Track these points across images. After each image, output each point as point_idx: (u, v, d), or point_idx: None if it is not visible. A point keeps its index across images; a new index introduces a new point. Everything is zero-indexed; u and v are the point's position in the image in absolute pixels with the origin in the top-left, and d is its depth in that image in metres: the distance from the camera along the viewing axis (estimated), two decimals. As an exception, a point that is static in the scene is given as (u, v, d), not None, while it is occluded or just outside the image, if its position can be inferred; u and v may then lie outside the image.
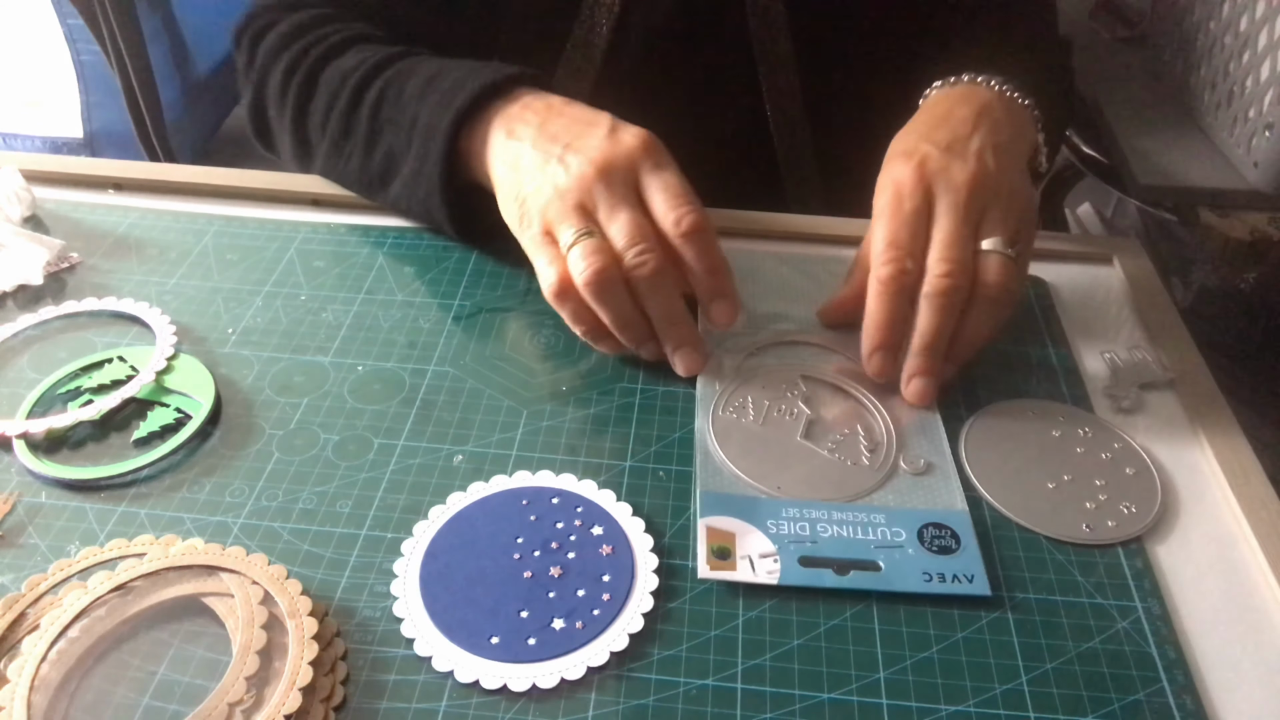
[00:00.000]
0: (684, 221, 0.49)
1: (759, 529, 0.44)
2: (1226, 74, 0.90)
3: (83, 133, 1.56)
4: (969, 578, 0.43)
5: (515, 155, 0.53)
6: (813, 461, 0.48)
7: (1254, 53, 0.86)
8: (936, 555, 0.44)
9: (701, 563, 0.42)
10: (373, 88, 0.59)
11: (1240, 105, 0.88)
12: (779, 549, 0.43)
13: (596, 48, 0.68)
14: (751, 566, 0.43)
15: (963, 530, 0.45)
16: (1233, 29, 0.89)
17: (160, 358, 0.52)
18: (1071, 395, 0.53)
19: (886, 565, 0.43)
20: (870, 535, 0.45)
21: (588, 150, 0.51)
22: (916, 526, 0.45)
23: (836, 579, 0.43)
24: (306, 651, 0.38)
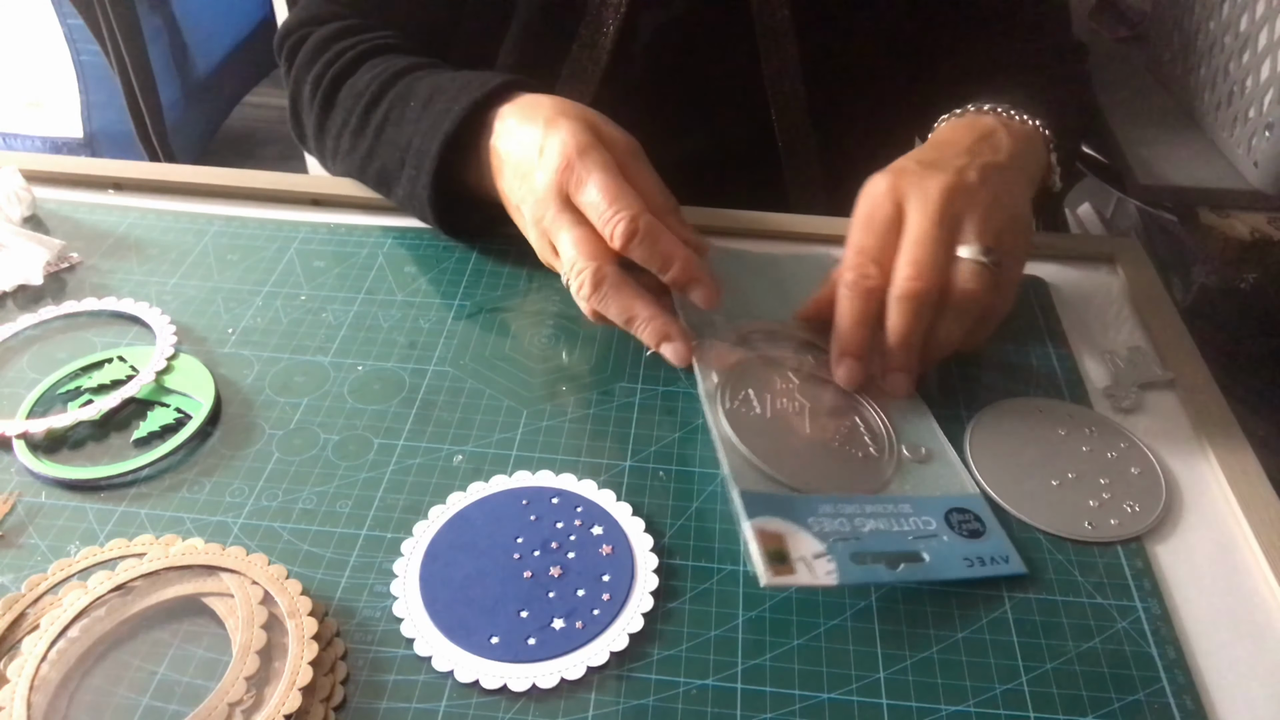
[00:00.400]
0: (616, 235, 0.49)
1: (803, 528, 0.43)
2: (1226, 74, 0.90)
3: (83, 133, 1.56)
4: (1004, 558, 0.44)
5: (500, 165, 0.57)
6: (827, 454, 0.48)
7: (1254, 53, 0.86)
8: (969, 540, 0.44)
9: (762, 570, 0.40)
10: (378, 110, 0.63)
11: (1240, 105, 0.88)
12: (828, 548, 0.42)
13: (603, 49, 0.68)
14: (809, 568, 0.41)
15: (983, 513, 0.46)
16: (1233, 29, 0.89)
17: (160, 358, 0.52)
18: (1071, 395, 0.53)
19: (930, 555, 0.43)
20: (905, 526, 0.45)
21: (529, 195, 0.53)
22: (943, 513, 0.45)
23: (890, 574, 0.42)
24: (306, 651, 0.38)
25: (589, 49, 0.68)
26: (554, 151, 0.52)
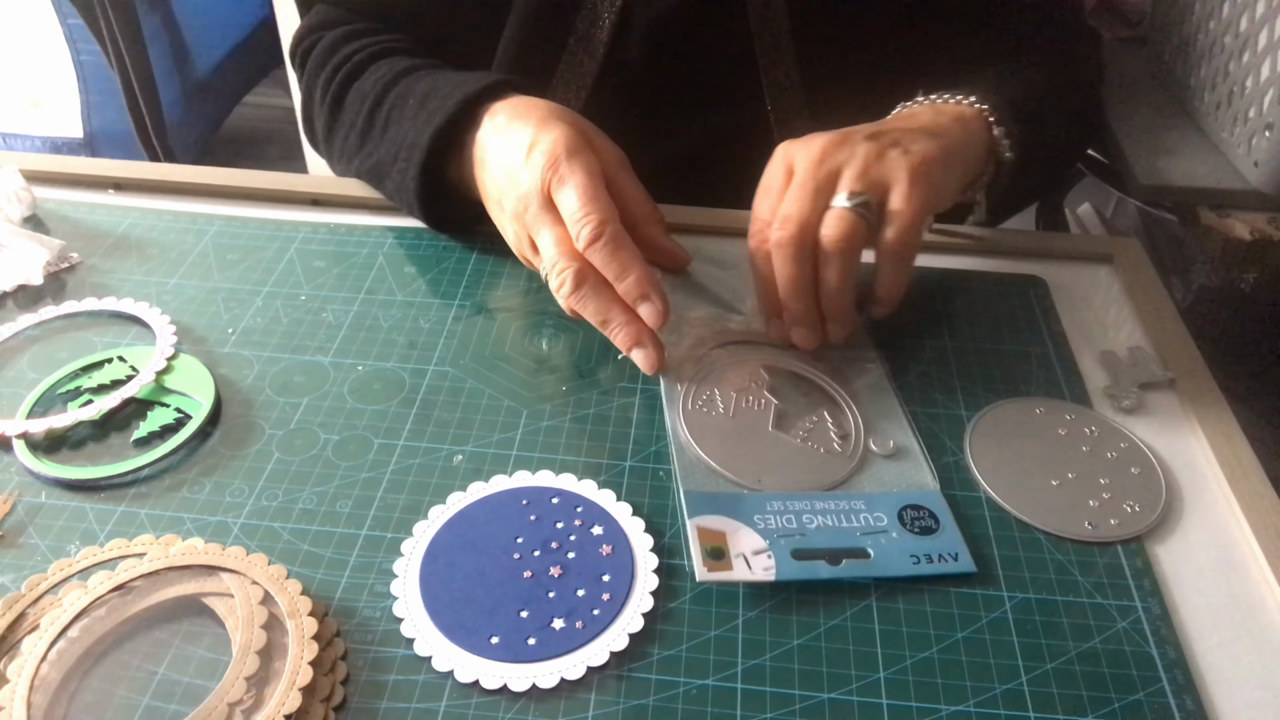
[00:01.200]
0: (580, 237, 0.50)
1: (747, 525, 0.44)
2: (1226, 74, 0.90)
3: (83, 133, 1.56)
4: (954, 556, 0.44)
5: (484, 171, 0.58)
6: (788, 451, 0.49)
7: (1254, 53, 0.86)
8: (920, 536, 0.45)
9: (698, 565, 0.42)
10: (381, 111, 0.64)
11: (1240, 105, 0.88)
12: (770, 544, 0.44)
13: (599, 42, 0.68)
14: (747, 564, 0.43)
15: (939, 510, 0.46)
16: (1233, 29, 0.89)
17: (160, 358, 0.52)
18: (1072, 395, 0.53)
19: (875, 552, 0.44)
20: (855, 523, 0.45)
21: (512, 189, 0.54)
22: (896, 510, 0.46)
23: (830, 570, 0.43)
24: (306, 651, 0.38)
25: (585, 42, 0.68)
26: (543, 150, 0.52)
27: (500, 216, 0.56)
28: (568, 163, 0.52)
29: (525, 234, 0.54)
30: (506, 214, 0.55)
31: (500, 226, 0.57)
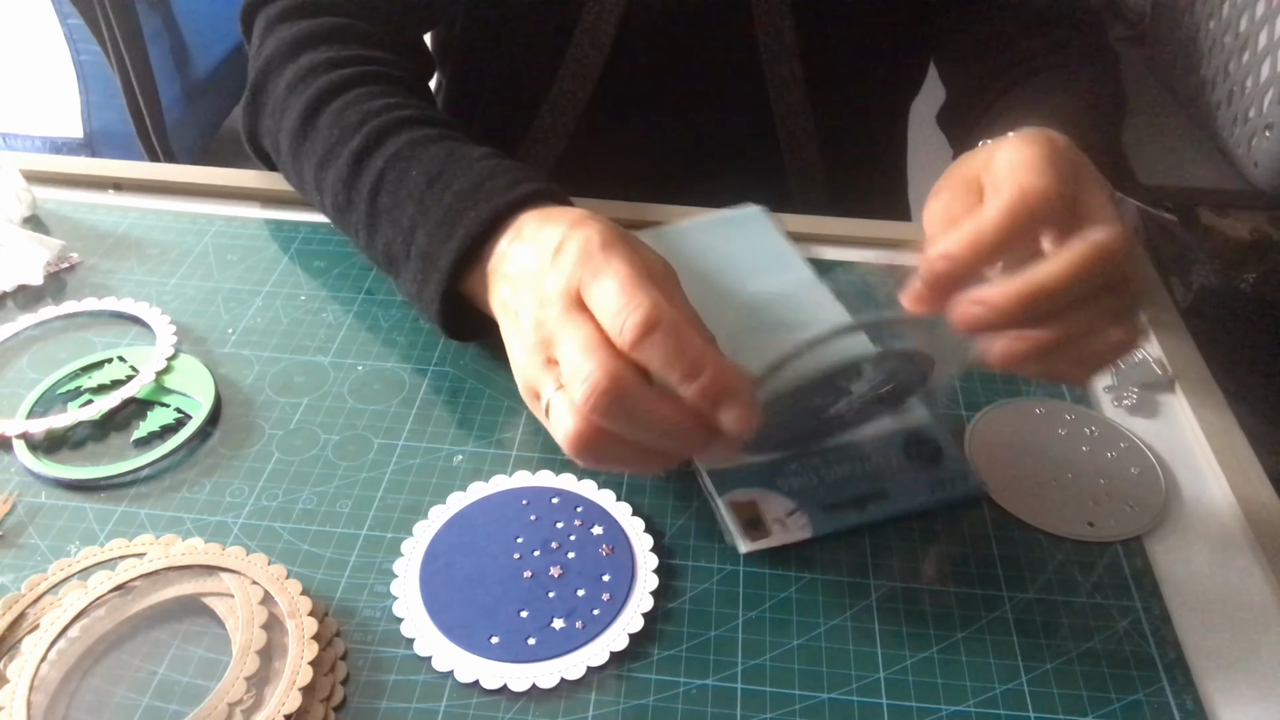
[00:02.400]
0: (627, 328, 0.38)
1: (773, 490, 0.46)
2: (1226, 74, 0.90)
3: (83, 133, 1.56)
4: (963, 477, 0.47)
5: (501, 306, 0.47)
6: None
7: (1254, 53, 0.86)
8: (929, 465, 0.47)
9: (740, 540, 0.44)
10: (374, 162, 0.54)
11: (1240, 105, 0.88)
12: (799, 503, 0.45)
13: (605, 36, 0.68)
14: (784, 527, 0.44)
15: (938, 434, 0.48)
16: (1233, 29, 0.89)
17: (160, 358, 0.52)
18: (1072, 395, 0.53)
19: (892, 489, 0.46)
20: (868, 467, 0.47)
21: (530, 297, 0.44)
22: (901, 446, 0.48)
23: (859, 516, 0.45)
24: (306, 651, 0.38)
25: (590, 37, 0.68)
26: (574, 246, 0.42)
27: (513, 337, 0.45)
28: (604, 253, 0.41)
29: (542, 352, 0.42)
30: (524, 329, 0.43)
31: (513, 353, 0.45)
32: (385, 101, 0.57)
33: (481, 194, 0.49)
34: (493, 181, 0.50)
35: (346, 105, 0.57)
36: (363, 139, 0.55)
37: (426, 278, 0.50)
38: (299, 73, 0.59)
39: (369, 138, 0.55)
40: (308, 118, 0.58)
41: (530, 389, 0.43)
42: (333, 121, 0.57)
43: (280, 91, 0.60)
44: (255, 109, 0.62)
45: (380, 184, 0.54)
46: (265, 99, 0.61)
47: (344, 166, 0.55)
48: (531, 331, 0.43)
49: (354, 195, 0.55)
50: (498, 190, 0.49)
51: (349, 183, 0.55)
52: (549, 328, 0.42)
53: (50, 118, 1.56)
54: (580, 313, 0.41)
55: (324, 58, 0.59)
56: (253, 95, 0.62)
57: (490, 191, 0.49)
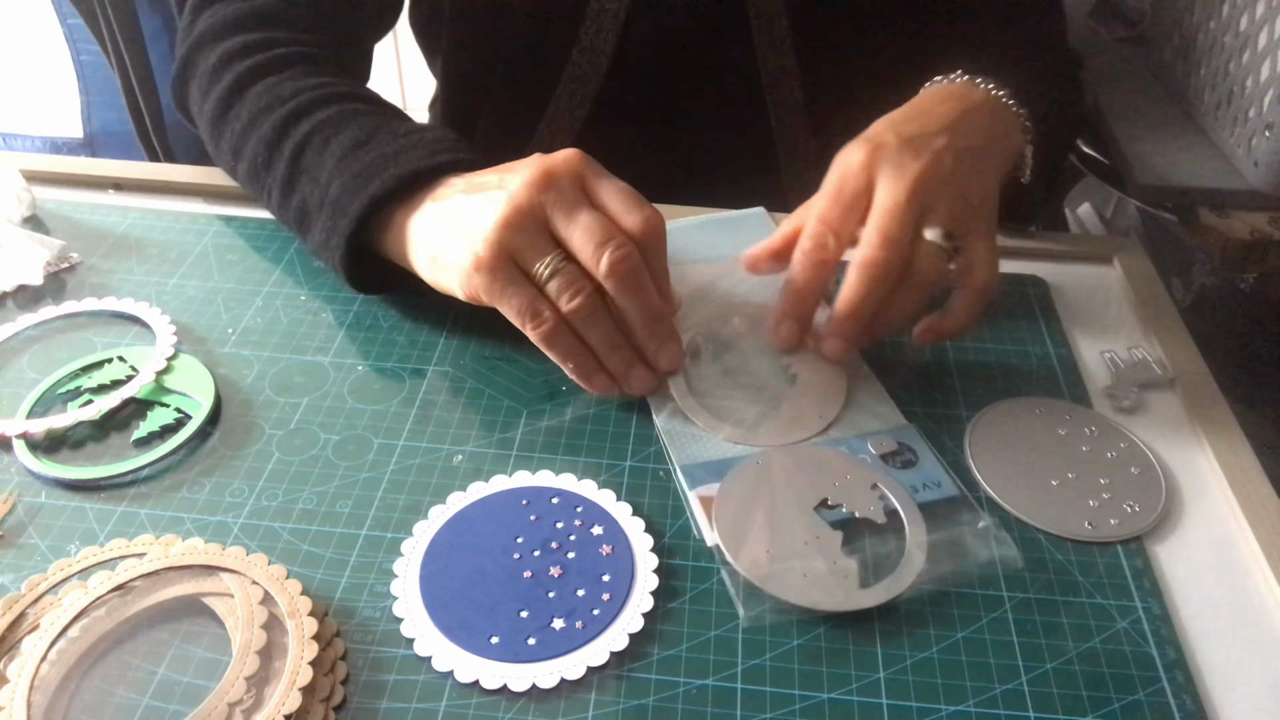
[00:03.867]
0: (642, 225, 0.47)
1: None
2: (1226, 74, 0.90)
3: (83, 133, 1.56)
4: (936, 484, 0.46)
5: (449, 207, 0.50)
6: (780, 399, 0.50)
7: (1254, 53, 0.86)
8: (903, 471, 0.47)
9: (707, 534, 0.44)
10: (301, 126, 0.56)
11: (1240, 105, 0.88)
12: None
13: (602, 53, 0.68)
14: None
15: (915, 443, 0.49)
16: (1233, 29, 0.89)
17: (160, 358, 0.52)
18: (1072, 395, 0.53)
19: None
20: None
21: (522, 170, 0.47)
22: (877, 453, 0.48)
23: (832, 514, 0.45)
24: (306, 651, 0.38)
25: (589, 53, 0.68)
26: (564, 151, 0.48)
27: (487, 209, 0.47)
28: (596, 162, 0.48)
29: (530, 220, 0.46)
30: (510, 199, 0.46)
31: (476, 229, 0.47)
32: (321, 80, 0.59)
33: (403, 158, 0.52)
34: (416, 150, 0.53)
35: (281, 81, 0.59)
36: (294, 105, 0.56)
37: (334, 224, 0.53)
38: (232, 49, 0.60)
39: (301, 105, 0.56)
40: (238, 89, 0.59)
41: (508, 253, 0.46)
42: (264, 91, 0.58)
43: (211, 65, 0.61)
44: (184, 80, 0.64)
45: (306, 145, 0.55)
46: (194, 72, 0.63)
47: (269, 129, 0.56)
48: (520, 197, 0.46)
49: (275, 155, 0.56)
50: (420, 156, 0.52)
51: (273, 143, 0.56)
52: (556, 199, 0.46)
53: (50, 118, 1.56)
54: (588, 198, 0.47)
55: (260, 37, 0.61)
56: (181, 68, 0.64)
57: (412, 157, 0.52)
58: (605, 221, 0.46)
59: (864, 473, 0.47)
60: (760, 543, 0.43)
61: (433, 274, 0.51)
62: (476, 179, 0.51)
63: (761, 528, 0.44)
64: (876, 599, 0.41)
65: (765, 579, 0.42)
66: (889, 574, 0.42)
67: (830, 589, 0.42)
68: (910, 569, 0.42)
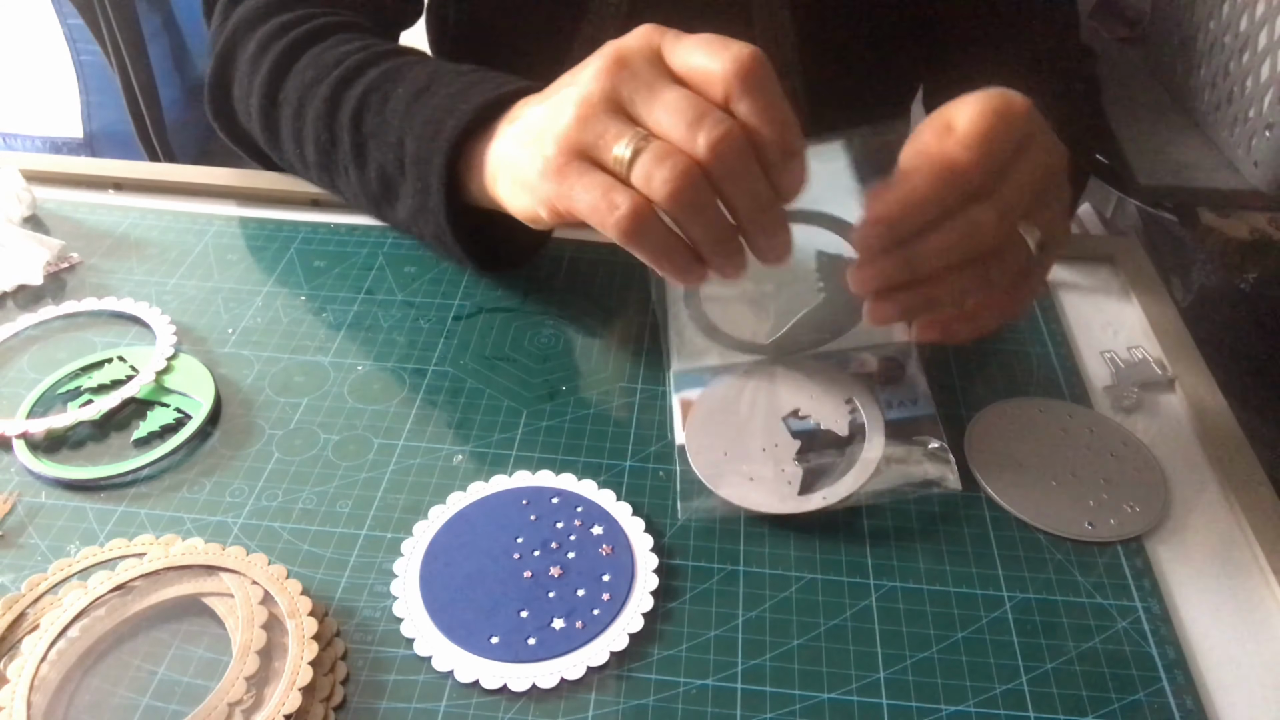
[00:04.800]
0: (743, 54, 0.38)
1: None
2: (1226, 74, 0.90)
3: (83, 133, 1.56)
4: (913, 402, 0.48)
5: (521, 123, 0.45)
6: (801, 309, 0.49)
7: (1254, 53, 0.86)
8: (885, 387, 0.48)
9: (679, 432, 0.45)
10: (354, 89, 0.52)
11: (1240, 105, 0.88)
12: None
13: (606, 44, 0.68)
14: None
15: (908, 360, 0.50)
16: (1233, 29, 0.89)
17: (160, 358, 0.52)
18: (1072, 395, 0.53)
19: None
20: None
21: (592, 62, 0.41)
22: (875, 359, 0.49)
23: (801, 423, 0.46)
24: (306, 651, 0.38)
25: (589, 46, 0.68)
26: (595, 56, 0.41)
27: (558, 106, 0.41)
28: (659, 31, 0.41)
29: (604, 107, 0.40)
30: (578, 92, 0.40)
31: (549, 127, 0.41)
32: (364, 42, 0.55)
33: (471, 93, 0.48)
34: (483, 85, 0.48)
35: (324, 49, 0.55)
36: (343, 71, 0.52)
37: (425, 183, 0.47)
38: (270, 31, 0.57)
39: (349, 69, 0.52)
40: (282, 68, 0.55)
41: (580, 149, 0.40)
42: (309, 64, 0.54)
43: (250, 53, 0.57)
44: (223, 80, 0.60)
45: (363, 108, 0.51)
46: (234, 68, 0.59)
47: (321, 102, 0.52)
48: (592, 85, 0.40)
49: (336, 128, 0.52)
50: (489, 88, 0.48)
51: (329, 116, 0.52)
52: (632, 80, 0.39)
53: (50, 118, 1.56)
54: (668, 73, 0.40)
55: (293, 15, 0.58)
56: (219, 67, 0.60)
57: (482, 89, 0.48)
58: (695, 96, 0.39)
59: (843, 386, 0.48)
60: (719, 444, 0.44)
61: (515, 200, 0.45)
62: (548, 90, 0.45)
63: (725, 431, 0.45)
64: (813, 505, 0.43)
65: (711, 478, 0.43)
66: (832, 483, 0.43)
67: (770, 493, 0.43)
68: (853, 481, 0.44)
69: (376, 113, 0.51)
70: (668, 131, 0.38)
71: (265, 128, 0.58)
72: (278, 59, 0.56)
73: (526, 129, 0.44)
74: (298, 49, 0.56)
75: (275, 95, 0.56)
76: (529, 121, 0.44)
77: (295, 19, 0.58)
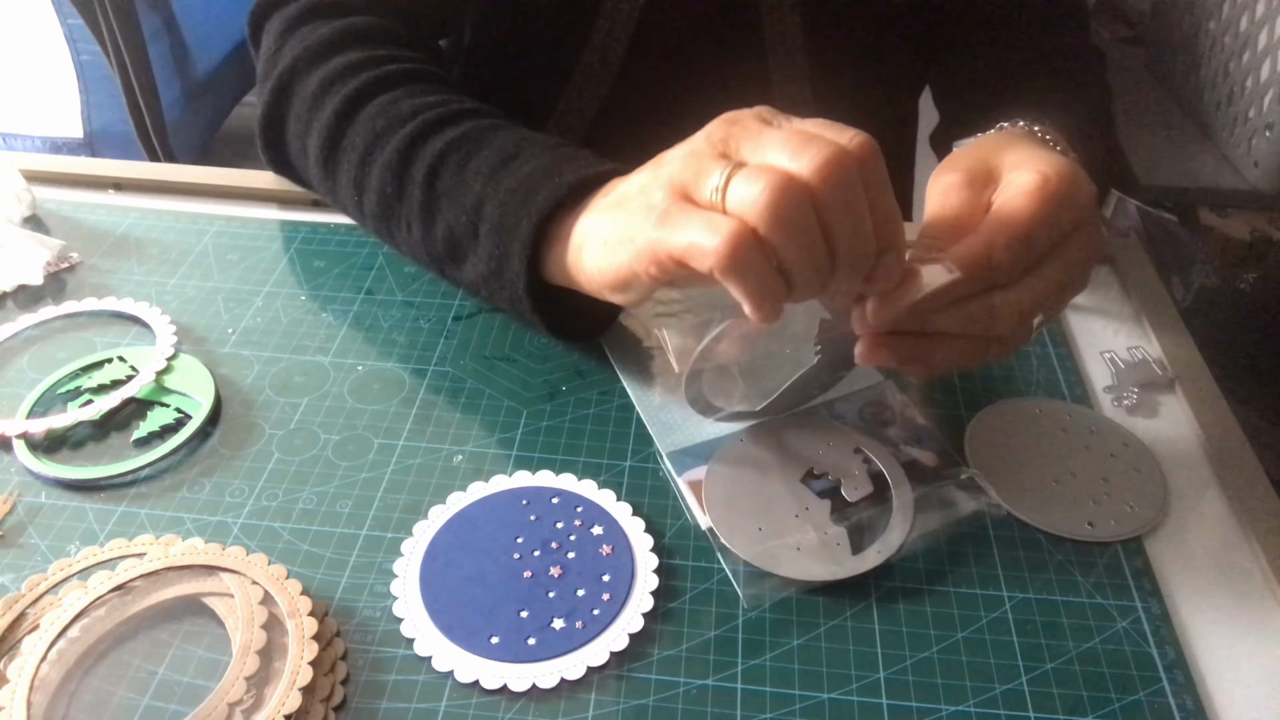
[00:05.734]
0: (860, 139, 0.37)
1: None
2: (1226, 74, 0.90)
3: (83, 133, 1.56)
4: (916, 440, 0.48)
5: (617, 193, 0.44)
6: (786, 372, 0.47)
7: (1254, 53, 0.86)
8: (884, 428, 0.48)
9: (700, 516, 0.44)
10: (431, 145, 0.51)
11: (1240, 105, 0.88)
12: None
13: (615, 56, 0.68)
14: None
15: (891, 399, 0.50)
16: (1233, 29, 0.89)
17: (160, 358, 0.52)
18: (1072, 395, 0.53)
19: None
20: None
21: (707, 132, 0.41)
22: (857, 410, 0.49)
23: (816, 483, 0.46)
24: (306, 651, 0.38)
25: (600, 53, 0.68)
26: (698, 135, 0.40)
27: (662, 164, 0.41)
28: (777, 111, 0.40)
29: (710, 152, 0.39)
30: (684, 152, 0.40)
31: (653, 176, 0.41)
32: (441, 96, 0.54)
33: (566, 168, 0.46)
34: (576, 160, 0.47)
35: (395, 99, 0.54)
36: (419, 125, 0.51)
37: (505, 250, 0.46)
38: (334, 71, 0.56)
39: (426, 124, 0.51)
40: (348, 113, 0.54)
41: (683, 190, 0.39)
42: (378, 113, 0.53)
43: (312, 90, 0.56)
44: (278, 114, 0.58)
45: (440, 165, 0.50)
46: (291, 102, 0.58)
47: (393, 154, 0.51)
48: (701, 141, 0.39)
49: (406, 182, 0.51)
50: (583, 164, 0.46)
51: (399, 170, 0.51)
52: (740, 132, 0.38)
53: (50, 118, 1.56)
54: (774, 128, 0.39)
55: (361, 57, 0.56)
56: (274, 99, 0.58)
57: (575, 166, 0.46)
58: (801, 134, 0.37)
59: (846, 437, 0.47)
60: (751, 521, 0.44)
61: (610, 260, 0.43)
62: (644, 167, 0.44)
63: (751, 506, 0.44)
64: (871, 563, 0.42)
65: (759, 557, 0.43)
66: (879, 536, 0.43)
67: (824, 559, 0.42)
68: (900, 529, 0.43)
69: (455, 172, 0.50)
70: (771, 160, 0.37)
71: (324, 168, 0.56)
72: (344, 103, 0.54)
73: (624, 195, 0.43)
74: (365, 95, 0.54)
75: (338, 140, 0.54)
76: (626, 189, 0.43)
77: (363, 60, 0.56)
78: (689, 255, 0.37)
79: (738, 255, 0.36)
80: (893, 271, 0.39)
